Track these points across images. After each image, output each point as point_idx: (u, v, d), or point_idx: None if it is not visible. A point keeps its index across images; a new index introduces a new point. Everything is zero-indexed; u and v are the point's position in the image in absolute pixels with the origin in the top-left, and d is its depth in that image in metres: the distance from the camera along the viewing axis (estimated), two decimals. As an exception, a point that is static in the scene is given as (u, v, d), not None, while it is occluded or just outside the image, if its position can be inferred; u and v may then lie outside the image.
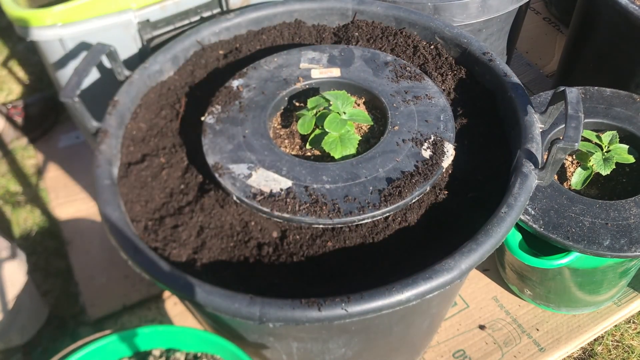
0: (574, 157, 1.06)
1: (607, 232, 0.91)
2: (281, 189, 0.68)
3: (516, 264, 1.08)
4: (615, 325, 1.16)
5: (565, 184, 1.03)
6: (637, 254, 0.90)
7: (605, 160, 0.99)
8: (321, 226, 0.68)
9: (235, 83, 0.82)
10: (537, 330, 1.12)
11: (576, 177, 1.02)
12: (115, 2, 0.89)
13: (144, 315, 1.17)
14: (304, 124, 0.76)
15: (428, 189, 0.71)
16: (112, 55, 0.83)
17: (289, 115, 0.82)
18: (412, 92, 0.80)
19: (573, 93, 0.72)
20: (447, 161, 0.72)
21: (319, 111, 0.77)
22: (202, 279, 0.62)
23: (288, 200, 0.68)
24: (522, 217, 0.93)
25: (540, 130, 0.76)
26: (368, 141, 0.78)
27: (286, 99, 0.82)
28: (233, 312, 0.60)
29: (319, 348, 0.76)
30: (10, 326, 1.02)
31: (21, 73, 1.74)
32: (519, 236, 0.97)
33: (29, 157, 1.49)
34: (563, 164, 1.06)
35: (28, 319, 1.08)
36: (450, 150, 0.73)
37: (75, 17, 0.88)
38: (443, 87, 0.85)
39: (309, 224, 0.67)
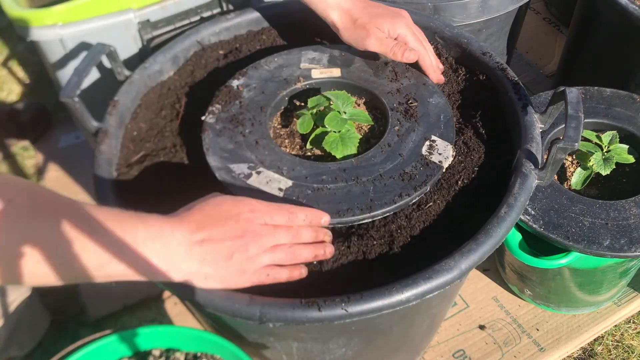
0: (574, 157, 1.06)
1: (607, 232, 0.91)
2: (281, 189, 0.68)
3: (516, 264, 1.08)
4: (615, 325, 1.16)
5: (565, 184, 1.03)
6: (637, 254, 0.90)
7: (605, 160, 0.99)
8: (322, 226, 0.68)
9: (235, 83, 0.82)
10: (537, 330, 1.12)
11: (576, 177, 1.02)
12: (115, 2, 0.89)
13: (144, 315, 1.17)
14: (303, 124, 0.76)
15: (428, 189, 0.71)
16: (112, 55, 0.83)
17: (289, 115, 0.82)
18: (413, 92, 0.80)
19: (573, 93, 0.72)
20: (447, 162, 0.72)
21: (319, 111, 0.77)
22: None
23: (288, 200, 0.68)
24: (522, 217, 0.93)
25: (540, 130, 0.76)
26: (368, 141, 0.78)
27: (286, 98, 0.82)
28: (233, 312, 0.60)
29: (319, 348, 0.76)
30: (9, 342, 1.01)
31: (21, 73, 1.75)
32: (519, 236, 0.97)
33: (29, 157, 1.49)
34: (563, 164, 1.06)
35: (27, 333, 1.07)
36: (450, 151, 0.73)
37: (76, 17, 0.88)
38: (443, 88, 0.85)
39: None
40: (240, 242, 0.58)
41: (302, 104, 0.81)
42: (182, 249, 0.57)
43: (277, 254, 0.60)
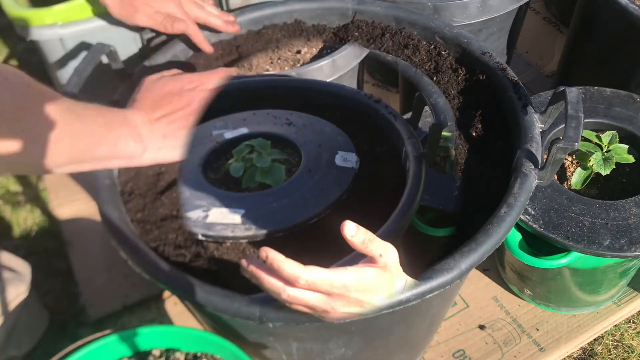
0: (574, 157, 1.06)
1: (607, 232, 0.91)
2: (237, 217, 0.69)
3: (516, 264, 1.08)
4: (615, 325, 1.16)
5: (565, 184, 1.03)
6: (637, 253, 0.90)
7: (605, 160, 0.99)
8: (281, 234, 0.69)
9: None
10: (537, 330, 1.12)
11: (576, 177, 1.02)
12: (115, 2, 0.89)
13: (144, 315, 1.17)
14: (236, 168, 0.78)
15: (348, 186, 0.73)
16: (112, 55, 0.83)
17: (219, 166, 0.81)
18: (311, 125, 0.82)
19: (573, 93, 0.72)
20: (357, 164, 0.75)
21: (244, 156, 0.78)
22: (202, 279, 0.62)
23: (246, 223, 0.68)
24: (522, 217, 0.93)
25: (540, 130, 0.76)
26: (290, 170, 0.79)
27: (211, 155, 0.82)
28: (233, 312, 0.60)
29: (319, 348, 0.76)
30: (7, 342, 1.01)
31: (21, 73, 1.74)
32: (519, 236, 0.97)
33: (29, 157, 1.49)
34: (563, 164, 1.06)
35: (26, 333, 1.07)
36: (354, 157, 0.76)
37: (76, 17, 0.88)
38: (443, 87, 0.85)
39: (272, 233, 0.68)
40: (188, 110, 0.69)
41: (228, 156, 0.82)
42: (145, 128, 0.66)
43: None
